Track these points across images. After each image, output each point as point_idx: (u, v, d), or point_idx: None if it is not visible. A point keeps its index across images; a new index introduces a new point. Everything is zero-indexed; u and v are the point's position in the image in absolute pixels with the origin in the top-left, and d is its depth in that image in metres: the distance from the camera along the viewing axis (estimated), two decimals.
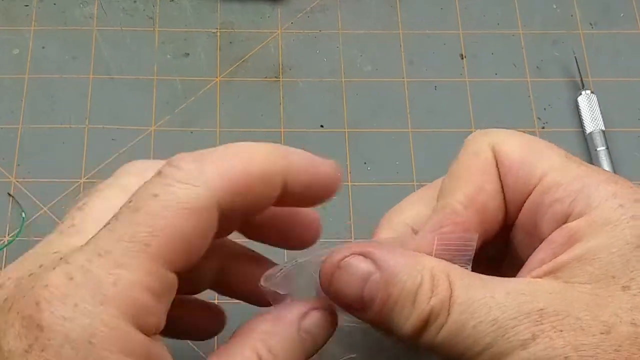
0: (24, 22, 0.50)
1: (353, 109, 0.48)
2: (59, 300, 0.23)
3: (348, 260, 0.27)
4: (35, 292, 0.24)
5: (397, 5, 0.51)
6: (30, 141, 0.46)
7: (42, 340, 0.23)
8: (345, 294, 0.27)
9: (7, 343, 0.23)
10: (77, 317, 0.23)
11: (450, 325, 0.25)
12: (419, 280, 0.26)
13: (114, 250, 0.24)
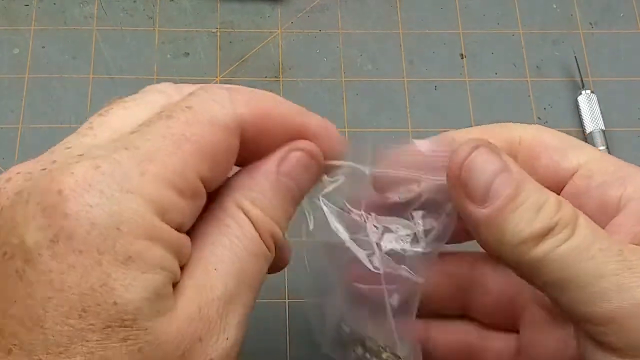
0: (24, 22, 0.50)
1: (353, 109, 0.48)
2: (84, 188, 0.23)
3: (482, 149, 0.27)
4: (58, 180, 0.23)
5: (397, 5, 0.51)
6: (30, 141, 0.46)
7: (68, 229, 0.22)
8: (474, 182, 0.26)
9: (30, 236, 0.22)
10: (103, 204, 0.23)
11: (576, 240, 0.25)
12: (545, 196, 0.26)
13: (142, 147, 0.24)
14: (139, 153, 0.24)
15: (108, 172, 0.23)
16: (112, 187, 0.23)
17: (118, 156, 0.24)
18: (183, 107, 0.25)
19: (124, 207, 0.23)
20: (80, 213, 0.22)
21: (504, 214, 0.26)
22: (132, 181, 0.23)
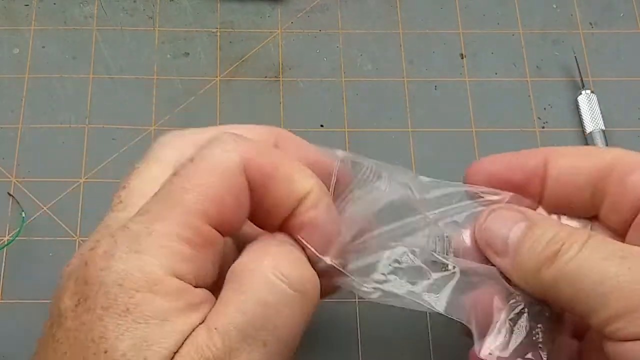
0: (24, 22, 0.50)
1: (353, 109, 0.48)
2: (100, 257, 0.26)
3: (497, 212, 0.31)
4: (87, 255, 0.26)
5: (397, 4, 0.51)
6: (30, 141, 0.46)
7: (86, 292, 0.26)
8: (495, 233, 0.31)
9: (62, 303, 0.26)
10: (112, 266, 0.26)
11: (581, 256, 0.28)
12: (556, 229, 0.29)
13: (152, 209, 0.27)
14: (149, 216, 0.26)
15: (121, 240, 0.26)
16: (122, 251, 0.26)
17: (132, 224, 0.27)
18: (187, 162, 0.28)
19: (129, 266, 0.26)
20: (94, 277, 0.26)
21: (520, 255, 0.30)
22: (141, 243, 0.26)
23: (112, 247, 0.26)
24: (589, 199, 0.32)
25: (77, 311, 0.26)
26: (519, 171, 0.32)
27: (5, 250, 0.42)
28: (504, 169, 0.33)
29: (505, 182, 0.32)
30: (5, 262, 0.42)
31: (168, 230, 0.26)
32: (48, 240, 0.43)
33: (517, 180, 0.32)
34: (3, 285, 0.42)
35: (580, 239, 0.28)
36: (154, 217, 0.26)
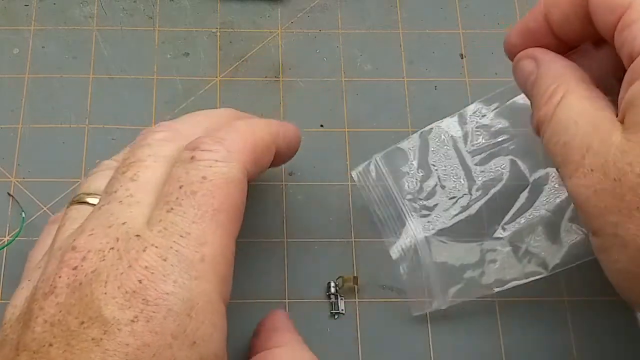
0: (24, 22, 0.50)
1: (353, 109, 0.48)
2: (159, 279, 0.27)
3: (523, 59, 0.35)
4: (136, 271, 0.27)
5: (397, 4, 0.51)
6: (30, 141, 0.46)
7: (147, 313, 0.26)
8: (519, 84, 0.36)
9: (109, 312, 0.26)
10: (177, 292, 0.27)
11: (549, 132, 0.31)
12: (545, 92, 0.32)
13: (192, 232, 0.28)
14: (192, 239, 0.28)
15: (175, 263, 0.27)
16: (183, 276, 0.27)
17: (177, 246, 0.28)
18: (199, 180, 0.29)
19: (194, 294, 0.27)
20: (158, 300, 0.26)
21: (531, 100, 0.34)
22: (196, 268, 0.28)
23: (168, 270, 0.27)
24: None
25: (135, 328, 0.26)
26: (530, 19, 0.35)
27: (5, 250, 0.42)
28: (521, 22, 0.36)
29: (526, 32, 0.35)
30: (5, 262, 0.42)
31: (215, 254, 0.28)
32: None
33: (531, 23, 0.35)
34: (3, 285, 0.42)
35: (561, 90, 0.31)
36: (199, 241, 0.28)
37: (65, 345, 0.26)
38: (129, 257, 0.27)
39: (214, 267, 0.28)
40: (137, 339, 0.26)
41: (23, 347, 0.27)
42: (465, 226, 0.40)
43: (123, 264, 0.27)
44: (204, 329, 0.27)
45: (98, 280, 0.27)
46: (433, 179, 0.42)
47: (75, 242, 0.29)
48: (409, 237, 0.40)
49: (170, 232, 0.28)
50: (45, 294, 0.28)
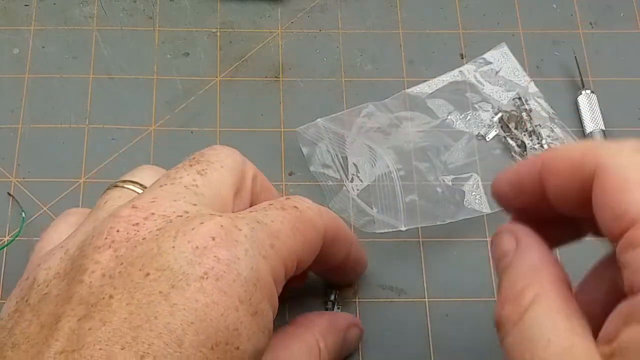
0: (24, 22, 0.50)
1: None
2: (232, 242, 0.27)
3: (504, 233, 0.30)
4: (210, 227, 0.27)
5: (397, 4, 0.51)
6: (30, 141, 0.46)
7: (217, 271, 0.26)
8: (493, 259, 0.30)
9: (178, 266, 0.26)
10: (247, 260, 0.27)
11: (511, 338, 0.26)
12: (513, 287, 0.27)
13: (270, 225, 0.29)
14: (267, 229, 0.28)
15: (249, 236, 0.27)
16: (254, 249, 0.27)
17: (254, 225, 0.28)
18: (292, 206, 0.31)
19: (261, 268, 0.27)
20: (229, 262, 0.26)
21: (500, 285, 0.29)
22: (265, 249, 0.28)
23: (242, 239, 0.27)
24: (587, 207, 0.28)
25: (204, 285, 0.25)
26: (524, 171, 0.30)
27: (5, 250, 0.42)
28: (514, 172, 0.31)
29: (519, 187, 0.30)
30: (5, 262, 0.42)
31: (283, 252, 0.29)
32: None
33: (525, 181, 0.30)
34: (3, 285, 0.42)
35: (527, 301, 0.26)
36: (273, 234, 0.29)
37: (129, 298, 0.25)
38: (203, 219, 0.27)
39: (277, 259, 0.28)
40: (206, 296, 0.25)
41: (78, 300, 0.25)
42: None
43: (194, 222, 0.27)
44: (264, 304, 0.27)
45: (165, 236, 0.26)
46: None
47: (135, 202, 0.28)
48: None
49: (248, 219, 0.28)
50: (98, 247, 0.27)
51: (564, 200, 0.28)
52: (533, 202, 0.29)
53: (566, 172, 0.27)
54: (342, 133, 0.44)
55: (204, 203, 0.29)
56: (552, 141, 0.46)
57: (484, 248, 0.44)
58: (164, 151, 0.46)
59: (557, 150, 0.29)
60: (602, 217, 0.25)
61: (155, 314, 0.25)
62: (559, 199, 0.28)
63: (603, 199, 0.25)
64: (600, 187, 0.25)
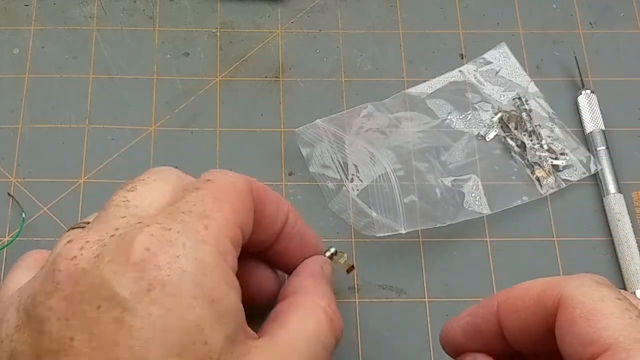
0: (24, 22, 0.50)
1: None
2: (167, 244, 0.26)
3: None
4: (140, 240, 0.26)
5: (397, 4, 0.51)
6: (30, 141, 0.46)
7: (160, 278, 0.26)
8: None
9: (124, 289, 0.25)
10: (187, 254, 0.26)
11: None
12: None
13: (194, 210, 0.28)
14: (194, 214, 0.28)
15: (181, 230, 0.27)
16: (190, 240, 0.27)
17: (180, 217, 0.28)
18: (205, 181, 0.30)
19: (204, 255, 0.27)
20: (170, 264, 0.26)
21: None
22: (201, 234, 0.27)
23: (174, 236, 0.27)
24: (548, 341, 0.29)
25: (153, 296, 0.25)
26: (478, 313, 0.31)
27: (5, 250, 0.42)
28: (468, 316, 0.31)
29: (473, 331, 0.31)
30: (5, 262, 0.42)
31: (219, 226, 0.28)
32: (48, 240, 0.43)
33: (478, 321, 0.31)
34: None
35: None
36: (202, 215, 0.28)
37: (89, 335, 0.25)
38: (132, 234, 0.27)
39: (217, 236, 0.28)
40: (158, 307, 0.25)
41: (44, 351, 0.26)
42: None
43: (126, 241, 0.27)
44: (221, 286, 0.27)
45: (104, 263, 0.26)
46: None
47: (70, 235, 0.29)
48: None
49: (172, 214, 0.28)
50: (48, 293, 0.27)
51: (524, 337, 0.29)
52: (488, 345, 0.30)
53: (527, 308, 0.28)
54: (341, 135, 0.44)
55: (134, 213, 0.29)
56: (552, 141, 0.46)
57: (484, 248, 0.44)
58: (164, 151, 0.46)
59: (513, 289, 0.29)
60: (570, 345, 0.26)
61: (116, 342, 0.25)
62: (519, 336, 0.29)
63: (571, 328, 0.26)
64: (566, 317, 0.27)
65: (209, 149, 0.46)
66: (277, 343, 0.29)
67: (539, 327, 0.28)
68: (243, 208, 0.30)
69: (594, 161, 0.46)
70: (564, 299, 0.27)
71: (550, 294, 0.27)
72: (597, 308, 0.26)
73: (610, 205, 0.44)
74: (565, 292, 0.27)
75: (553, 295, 0.27)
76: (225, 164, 0.45)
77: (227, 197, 0.29)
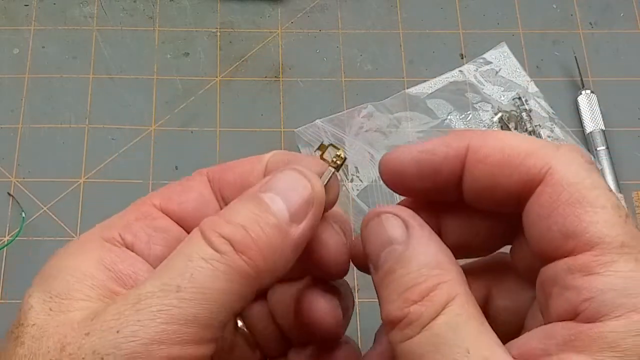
0: (24, 22, 0.50)
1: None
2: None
3: (389, 216, 0.26)
4: None
5: (397, 4, 0.51)
6: (30, 141, 0.46)
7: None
8: (370, 245, 0.26)
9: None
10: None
11: (418, 340, 0.23)
12: (419, 281, 0.24)
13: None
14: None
15: None
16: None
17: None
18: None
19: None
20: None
21: (379, 286, 0.25)
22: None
23: None
24: (511, 205, 0.26)
25: None
26: (441, 152, 0.26)
27: (5, 250, 0.42)
28: (425, 151, 0.26)
29: (431, 169, 0.26)
30: (5, 262, 0.42)
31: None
32: (48, 240, 0.43)
33: (438, 162, 0.26)
34: (3, 285, 0.42)
35: (428, 312, 0.23)
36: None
37: None
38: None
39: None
40: None
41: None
42: None
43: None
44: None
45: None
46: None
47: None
48: None
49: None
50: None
51: (484, 192, 0.25)
52: (438, 188, 0.26)
53: (502, 165, 0.25)
54: (340, 136, 0.44)
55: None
56: (552, 141, 0.46)
57: None
58: (164, 151, 0.46)
59: (486, 138, 0.25)
60: (548, 229, 0.23)
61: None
62: (479, 189, 0.25)
63: (554, 210, 0.23)
64: (550, 196, 0.23)
65: (209, 149, 0.46)
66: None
67: (509, 189, 0.24)
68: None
69: (594, 161, 0.46)
70: (551, 174, 0.24)
71: (536, 162, 0.24)
72: (588, 196, 0.23)
73: None
74: (555, 166, 0.24)
75: (539, 165, 0.24)
76: None
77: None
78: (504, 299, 0.27)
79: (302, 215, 0.26)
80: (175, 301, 0.23)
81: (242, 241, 0.24)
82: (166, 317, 0.23)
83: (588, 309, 0.22)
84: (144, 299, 0.23)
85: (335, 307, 0.29)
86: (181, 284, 0.23)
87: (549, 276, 0.23)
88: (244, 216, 0.25)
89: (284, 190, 0.26)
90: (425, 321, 0.23)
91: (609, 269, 0.22)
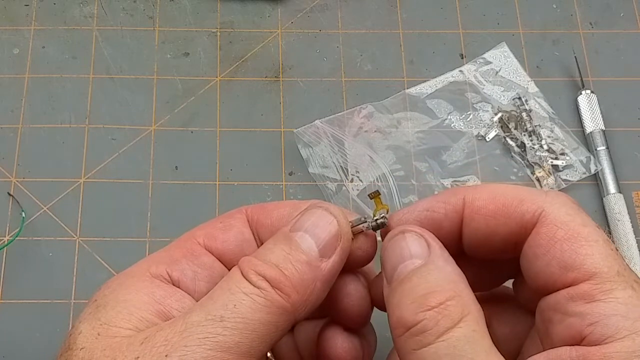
0: (24, 22, 0.50)
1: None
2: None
3: (412, 234, 0.27)
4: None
5: (397, 4, 0.51)
6: (30, 141, 0.46)
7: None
8: (390, 259, 0.27)
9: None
10: None
11: (434, 349, 0.25)
12: (437, 289, 0.25)
13: None
14: None
15: None
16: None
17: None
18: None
19: None
20: None
21: (391, 298, 0.27)
22: None
23: None
24: (508, 251, 0.28)
25: None
26: (440, 208, 0.28)
27: (5, 250, 0.42)
28: (426, 210, 0.29)
29: (432, 227, 0.28)
30: (5, 262, 0.42)
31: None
32: (48, 240, 0.43)
33: (439, 219, 0.28)
34: (3, 285, 0.42)
35: (447, 321, 0.25)
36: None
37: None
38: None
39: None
40: None
41: None
42: None
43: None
44: None
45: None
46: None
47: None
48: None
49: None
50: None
51: (483, 242, 0.28)
52: (442, 242, 0.28)
53: (497, 215, 0.27)
54: (340, 137, 0.44)
55: None
56: (552, 141, 0.46)
57: None
58: (164, 151, 0.46)
59: (480, 191, 0.28)
60: (548, 265, 0.25)
61: None
62: (478, 240, 0.28)
63: (551, 248, 0.25)
64: (547, 235, 0.26)
65: (209, 149, 0.46)
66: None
67: (505, 235, 0.27)
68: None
69: (594, 161, 0.46)
70: (545, 216, 0.26)
71: (529, 207, 0.26)
72: (581, 233, 0.25)
73: (610, 205, 0.44)
74: (548, 209, 0.26)
75: (532, 209, 0.26)
76: (225, 164, 0.45)
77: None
78: (504, 327, 0.29)
79: (330, 250, 0.28)
80: (220, 329, 0.25)
81: (277, 278, 0.26)
82: (211, 344, 0.25)
83: (593, 333, 0.24)
84: (191, 327, 0.25)
85: (355, 346, 0.31)
86: (224, 315, 0.25)
87: (549, 305, 0.26)
88: (277, 255, 0.27)
89: (311, 227, 0.28)
90: (441, 330, 0.24)
91: (609, 296, 0.24)
